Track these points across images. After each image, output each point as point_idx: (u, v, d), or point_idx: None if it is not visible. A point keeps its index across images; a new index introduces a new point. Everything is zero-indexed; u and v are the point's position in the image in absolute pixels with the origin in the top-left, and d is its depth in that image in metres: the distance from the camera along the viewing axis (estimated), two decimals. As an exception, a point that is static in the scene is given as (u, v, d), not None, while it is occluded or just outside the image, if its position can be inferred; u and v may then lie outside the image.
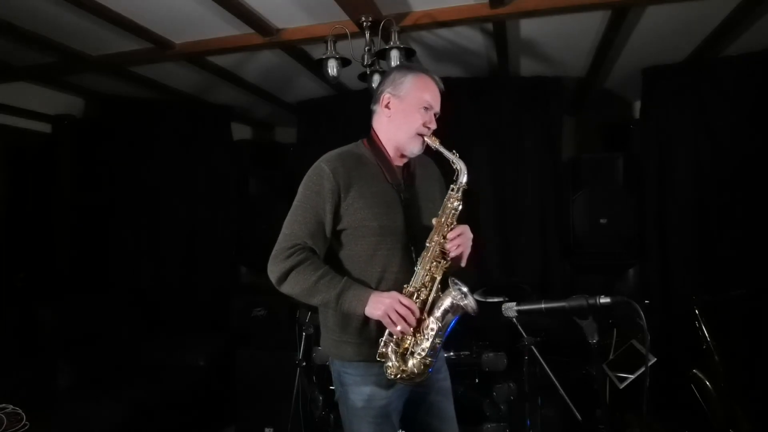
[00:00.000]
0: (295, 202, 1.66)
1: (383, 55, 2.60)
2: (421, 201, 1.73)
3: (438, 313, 1.57)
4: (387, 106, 1.71)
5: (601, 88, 4.01)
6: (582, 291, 1.65)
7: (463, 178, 1.64)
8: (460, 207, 1.63)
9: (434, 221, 1.61)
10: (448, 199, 1.64)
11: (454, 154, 1.65)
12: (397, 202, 1.66)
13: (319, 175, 1.62)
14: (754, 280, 3.09)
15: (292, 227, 1.63)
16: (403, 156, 1.73)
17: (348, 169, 1.64)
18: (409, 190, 1.71)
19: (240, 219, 4.30)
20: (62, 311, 3.33)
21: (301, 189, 1.66)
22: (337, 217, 1.62)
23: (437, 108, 1.71)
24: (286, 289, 1.62)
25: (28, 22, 2.70)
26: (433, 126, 1.70)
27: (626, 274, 3.49)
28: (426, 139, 1.67)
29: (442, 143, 1.67)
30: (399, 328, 1.51)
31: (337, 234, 1.65)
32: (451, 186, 1.65)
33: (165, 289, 4.15)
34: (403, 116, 1.68)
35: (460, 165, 1.65)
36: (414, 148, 1.69)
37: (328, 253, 1.67)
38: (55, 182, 4.02)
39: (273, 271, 1.62)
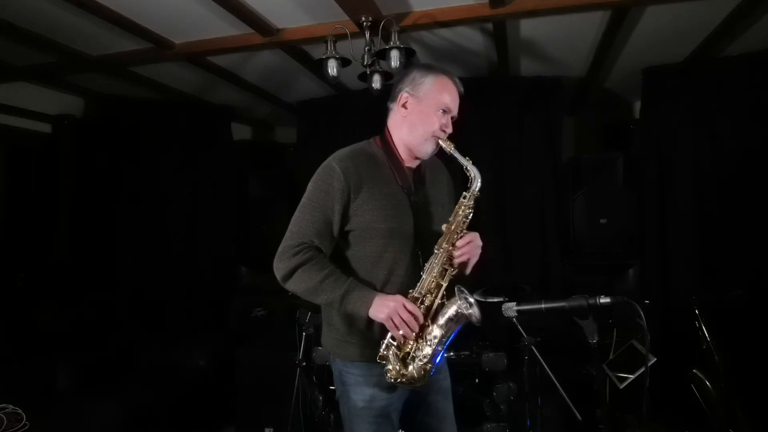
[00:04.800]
0: (303, 200, 1.64)
1: (383, 55, 2.60)
2: (431, 205, 1.71)
3: (441, 320, 1.56)
4: (404, 106, 1.68)
5: (601, 88, 4.01)
6: (582, 291, 1.65)
7: (477, 186, 1.62)
8: (471, 214, 1.62)
9: (444, 227, 1.60)
10: (460, 207, 1.62)
11: (468, 160, 1.63)
12: (406, 206, 1.65)
13: (330, 174, 1.60)
14: (754, 280, 3.09)
15: (300, 225, 1.61)
16: (415, 158, 1.71)
17: (359, 169, 1.62)
18: (418, 193, 1.70)
19: (240, 219, 4.30)
20: (62, 311, 3.33)
21: (310, 186, 1.65)
22: (345, 217, 1.61)
23: (455, 111, 1.69)
24: (291, 286, 1.61)
25: (28, 22, 2.70)
26: (449, 130, 1.67)
27: (626, 274, 3.49)
28: (441, 142, 1.65)
29: (456, 148, 1.64)
30: (401, 332, 1.51)
31: (344, 234, 1.64)
32: (464, 194, 1.63)
33: (165, 289, 4.14)
34: (420, 117, 1.65)
35: (474, 172, 1.63)
36: (427, 151, 1.67)
37: (335, 252, 1.66)
38: (55, 182, 4.02)
39: (279, 268, 1.61)
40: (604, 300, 1.61)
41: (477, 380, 2.68)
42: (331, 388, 2.25)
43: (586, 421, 2.10)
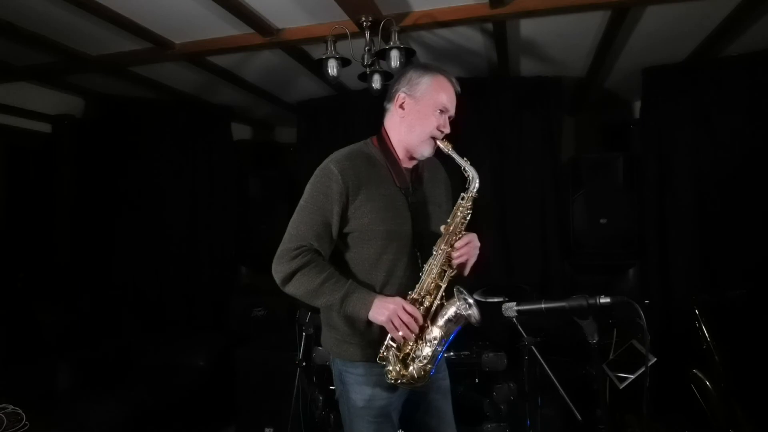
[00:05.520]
0: (301, 202, 1.64)
1: (383, 55, 2.60)
2: (429, 205, 1.71)
3: (441, 321, 1.56)
4: (401, 106, 1.67)
5: (601, 88, 4.00)
6: (582, 291, 1.65)
7: (475, 187, 1.62)
8: (470, 215, 1.62)
9: (443, 228, 1.59)
10: (458, 208, 1.62)
11: (466, 160, 1.63)
12: (405, 207, 1.64)
13: (328, 176, 1.60)
14: (754, 280, 3.09)
15: (298, 228, 1.61)
16: (412, 158, 1.70)
17: (357, 170, 1.61)
18: (416, 194, 1.69)
19: (240, 219, 4.31)
20: (62, 311, 3.33)
21: (308, 189, 1.64)
22: (344, 219, 1.60)
23: (452, 111, 1.68)
24: (291, 290, 1.61)
25: (28, 22, 2.70)
26: (447, 130, 1.66)
27: (626, 274, 3.49)
28: (438, 142, 1.64)
29: (454, 148, 1.64)
30: (401, 334, 1.51)
31: (343, 236, 1.64)
32: (462, 194, 1.63)
33: (165, 289, 4.14)
34: (417, 118, 1.64)
35: (472, 172, 1.62)
36: (425, 151, 1.66)
37: (334, 254, 1.66)
38: (54, 182, 4.02)
39: (278, 271, 1.61)
40: (604, 300, 1.61)
41: (477, 380, 2.68)
42: (331, 388, 2.25)
43: (586, 421, 2.10)
